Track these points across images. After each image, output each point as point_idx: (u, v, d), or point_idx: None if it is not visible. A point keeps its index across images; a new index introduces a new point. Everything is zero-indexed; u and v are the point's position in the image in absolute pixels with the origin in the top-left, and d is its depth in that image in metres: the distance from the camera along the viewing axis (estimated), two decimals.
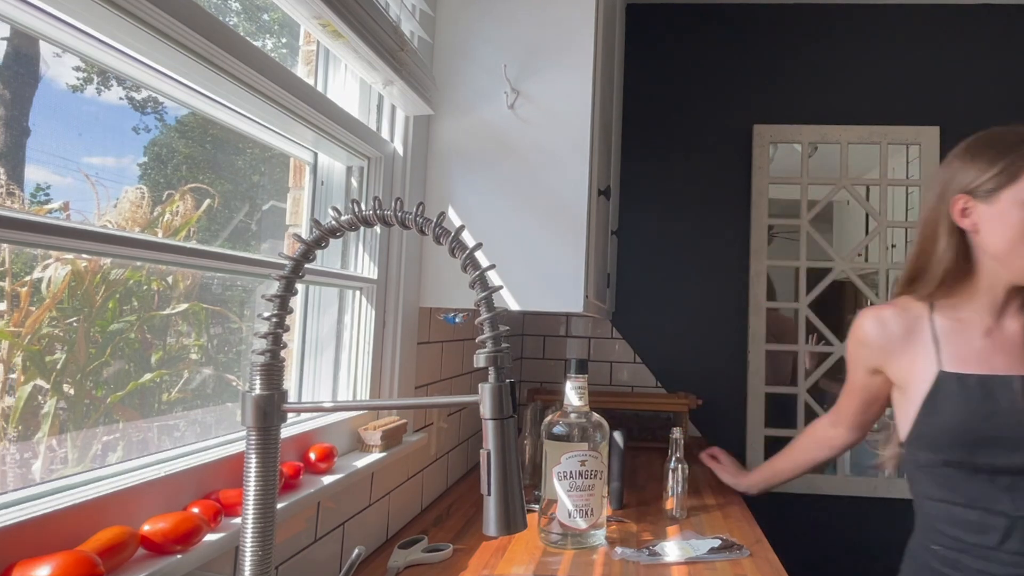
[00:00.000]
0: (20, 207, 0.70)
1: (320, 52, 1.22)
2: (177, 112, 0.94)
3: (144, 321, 0.90)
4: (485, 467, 0.63)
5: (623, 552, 1.23)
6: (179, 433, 0.96)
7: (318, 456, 1.01)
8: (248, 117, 1.00)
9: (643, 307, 2.54)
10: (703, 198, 2.53)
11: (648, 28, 2.60)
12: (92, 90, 0.82)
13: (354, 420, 1.20)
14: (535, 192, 1.39)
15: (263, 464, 0.68)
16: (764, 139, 2.51)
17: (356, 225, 0.70)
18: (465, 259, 0.66)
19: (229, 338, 1.07)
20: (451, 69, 1.45)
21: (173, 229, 0.92)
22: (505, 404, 0.64)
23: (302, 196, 1.21)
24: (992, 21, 2.49)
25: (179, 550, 0.69)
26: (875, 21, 2.53)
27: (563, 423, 1.26)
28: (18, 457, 0.72)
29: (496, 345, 0.65)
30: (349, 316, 1.25)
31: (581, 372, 1.29)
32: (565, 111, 1.39)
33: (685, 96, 2.57)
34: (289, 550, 0.96)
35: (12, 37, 0.71)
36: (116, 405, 0.84)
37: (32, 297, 0.74)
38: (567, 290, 1.37)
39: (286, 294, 0.71)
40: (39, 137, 0.73)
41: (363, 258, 1.29)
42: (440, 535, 1.32)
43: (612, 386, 2.52)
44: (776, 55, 2.56)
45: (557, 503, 1.24)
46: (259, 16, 1.13)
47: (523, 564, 1.18)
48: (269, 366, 0.70)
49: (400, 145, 1.36)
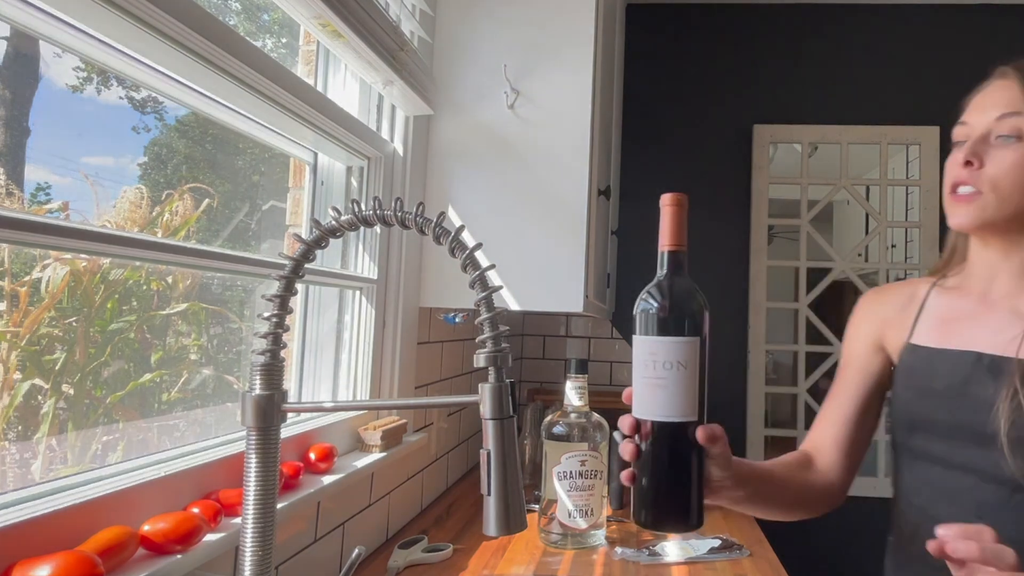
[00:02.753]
0: (20, 207, 0.70)
1: (320, 52, 1.22)
2: (177, 112, 0.94)
3: (144, 321, 0.90)
4: (485, 467, 0.63)
5: (623, 552, 1.23)
6: (179, 433, 0.96)
7: (318, 456, 1.01)
8: (248, 117, 0.99)
9: None
10: (703, 198, 2.53)
11: (648, 28, 2.60)
12: (92, 90, 0.82)
13: (354, 420, 1.20)
14: (535, 192, 1.39)
15: (263, 464, 0.68)
16: (764, 139, 2.51)
17: (356, 225, 0.70)
18: (465, 259, 0.66)
19: (229, 338, 1.07)
20: (451, 69, 1.45)
21: (172, 229, 0.92)
22: (505, 404, 0.64)
23: (302, 196, 1.21)
24: (992, 21, 2.49)
25: (179, 550, 0.69)
26: (875, 21, 2.53)
27: (563, 423, 1.26)
28: (18, 457, 0.72)
29: (496, 345, 0.65)
30: (349, 316, 1.25)
31: (581, 372, 1.29)
32: (565, 111, 1.39)
33: (685, 96, 2.57)
34: (289, 550, 0.96)
35: (12, 37, 0.70)
36: (116, 405, 0.84)
37: (31, 297, 0.74)
38: (567, 290, 1.37)
39: (286, 294, 0.71)
40: (39, 137, 0.73)
41: (363, 258, 1.29)
42: (440, 535, 1.32)
43: (612, 386, 2.52)
44: (776, 55, 2.56)
45: (557, 503, 1.24)
46: (259, 16, 1.13)
47: (523, 564, 1.18)
48: (269, 366, 0.70)
49: (400, 145, 1.36)
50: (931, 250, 2.42)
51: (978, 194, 0.88)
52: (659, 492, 0.71)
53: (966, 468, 0.87)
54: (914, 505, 0.94)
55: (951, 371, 0.90)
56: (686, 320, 0.70)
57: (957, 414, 0.88)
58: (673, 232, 0.75)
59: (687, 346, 0.70)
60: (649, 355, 0.70)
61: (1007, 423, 0.82)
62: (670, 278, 0.73)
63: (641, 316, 0.72)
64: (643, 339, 0.71)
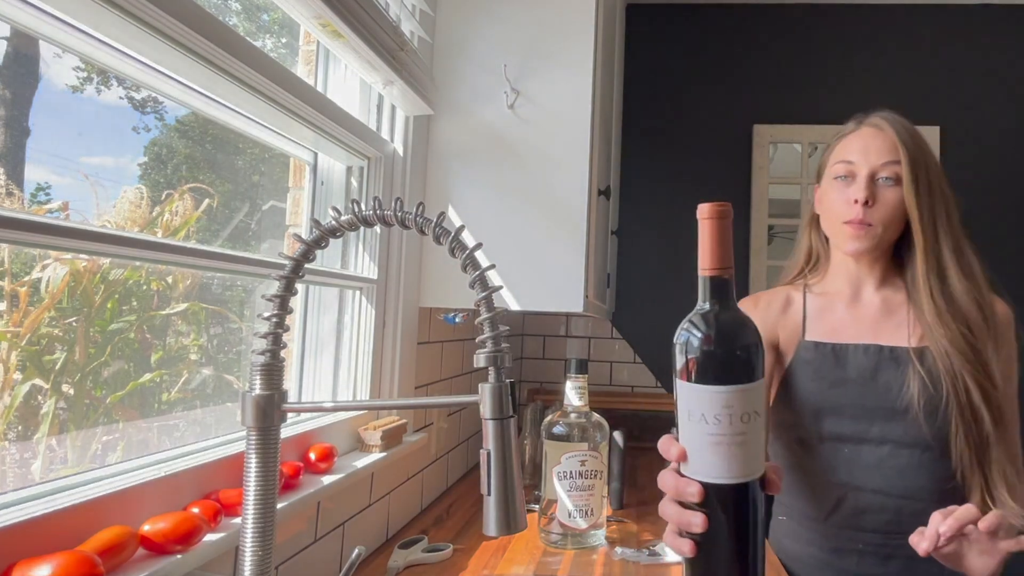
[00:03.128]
0: (19, 207, 0.70)
1: (320, 52, 1.22)
2: (177, 112, 0.94)
3: (144, 321, 0.90)
4: (485, 467, 0.63)
5: (623, 552, 1.23)
6: (179, 433, 0.96)
7: (318, 456, 1.01)
8: (248, 117, 0.99)
9: (643, 307, 2.54)
10: (703, 198, 2.52)
11: (648, 28, 2.60)
12: (92, 90, 0.82)
13: (354, 420, 1.20)
14: (535, 192, 1.39)
15: (263, 464, 0.68)
16: (764, 139, 2.50)
17: (356, 225, 0.70)
18: (465, 259, 0.66)
19: (229, 338, 1.07)
20: (451, 69, 1.45)
21: (172, 229, 0.92)
22: (505, 404, 0.64)
23: (302, 196, 1.21)
24: (992, 21, 2.49)
25: (179, 550, 0.69)
26: (875, 21, 2.53)
27: (563, 423, 1.26)
28: (18, 457, 0.72)
29: (496, 345, 0.65)
30: (349, 316, 1.25)
31: (581, 372, 1.29)
32: (565, 111, 1.39)
33: (685, 96, 2.57)
34: (289, 550, 0.96)
35: (12, 37, 0.70)
36: (116, 405, 0.84)
37: (31, 297, 0.74)
38: (567, 290, 1.37)
39: (286, 294, 0.71)
40: (39, 137, 0.73)
41: (363, 258, 1.29)
42: (440, 535, 1.32)
43: (612, 386, 2.52)
44: (776, 55, 2.56)
45: (557, 503, 1.24)
46: (259, 16, 1.13)
47: (523, 564, 1.18)
48: (269, 366, 0.70)
49: (400, 145, 1.36)
50: None
51: (871, 227, 1.09)
52: (737, 557, 0.59)
53: (881, 440, 1.07)
54: (833, 482, 1.10)
55: (860, 362, 1.10)
56: (756, 360, 0.58)
57: (868, 397, 1.08)
58: (716, 252, 0.59)
59: (760, 390, 0.58)
60: (723, 408, 0.57)
61: (921, 398, 1.04)
62: (722, 312, 0.60)
63: (702, 361, 0.58)
64: (709, 390, 0.57)
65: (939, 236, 1.07)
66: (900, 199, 1.07)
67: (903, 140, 1.08)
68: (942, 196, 1.09)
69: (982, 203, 2.45)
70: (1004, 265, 2.50)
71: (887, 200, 1.08)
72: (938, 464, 1.06)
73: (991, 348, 1.05)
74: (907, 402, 1.05)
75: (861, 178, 1.09)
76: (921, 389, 1.04)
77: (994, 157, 2.45)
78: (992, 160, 2.45)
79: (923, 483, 1.06)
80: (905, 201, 1.07)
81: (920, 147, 1.09)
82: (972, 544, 0.90)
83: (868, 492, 1.08)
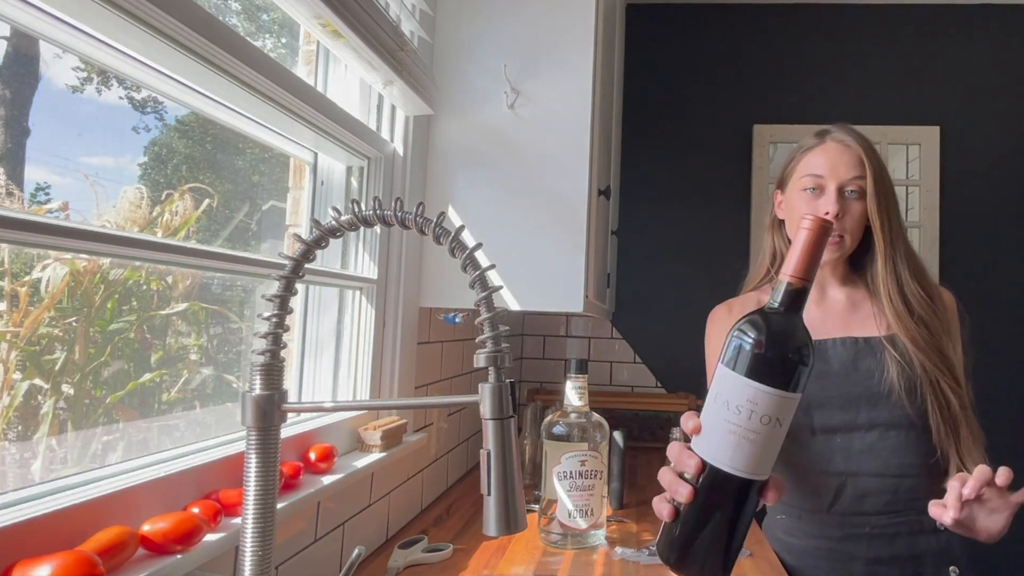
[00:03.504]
0: (20, 207, 0.70)
1: (320, 52, 1.22)
2: (177, 112, 0.94)
3: (143, 321, 0.90)
4: (485, 467, 0.63)
5: (623, 552, 1.23)
6: (179, 433, 0.95)
7: (318, 456, 1.01)
8: (248, 117, 0.99)
9: (643, 307, 2.54)
10: (703, 198, 2.53)
11: (648, 28, 2.60)
12: (92, 90, 0.82)
13: (354, 420, 1.20)
14: (535, 192, 1.39)
15: (263, 464, 0.68)
16: (764, 139, 2.50)
17: (356, 225, 0.70)
18: (465, 259, 0.66)
19: (229, 338, 1.07)
20: (451, 69, 1.45)
21: (172, 229, 0.92)
22: (505, 404, 0.64)
23: (302, 196, 1.21)
24: (992, 21, 2.49)
25: (179, 550, 0.69)
26: (875, 21, 2.53)
27: (563, 423, 1.26)
28: (18, 457, 0.72)
29: (496, 345, 0.65)
30: (349, 316, 1.25)
31: (581, 372, 1.29)
32: (565, 111, 1.39)
33: (685, 96, 2.57)
34: (289, 550, 0.96)
35: (12, 37, 0.70)
36: (116, 405, 0.84)
37: (31, 297, 0.74)
38: (567, 290, 1.37)
39: (286, 294, 0.71)
40: (39, 137, 0.73)
41: (363, 258, 1.29)
42: (440, 535, 1.32)
43: (612, 386, 2.52)
44: (776, 55, 2.56)
45: (557, 503, 1.24)
46: (259, 16, 1.13)
47: (523, 564, 1.18)
48: (269, 366, 0.69)
49: (400, 145, 1.36)
50: (931, 250, 2.42)
51: (841, 237, 1.16)
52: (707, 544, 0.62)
53: (870, 425, 1.13)
54: (830, 472, 1.14)
55: (840, 354, 1.16)
56: (800, 375, 0.60)
57: (851, 386, 1.14)
58: (805, 262, 0.62)
59: (791, 404, 0.60)
60: (747, 401, 0.59)
61: (900, 379, 1.11)
62: (790, 319, 0.62)
63: (747, 353, 0.61)
64: (743, 381, 0.60)
65: (895, 241, 1.17)
66: (864, 210, 1.16)
67: (868, 155, 1.16)
68: (895, 203, 1.19)
69: (982, 203, 2.45)
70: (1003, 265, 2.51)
71: (854, 212, 1.16)
72: (922, 439, 1.12)
73: (946, 339, 1.15)
74: (888, 385, 1.12)
75: (830, 192, 1.16)
76: (899, 371, 1.11)
77: (994, 157, 2.45)
78: (992, 160, 2.45)
79: (912, 460, 1.12)
80: (868, 212, 1.15)
81: (879, 161, 1.18)
82: (983, 505, 0.95)
83: (865, 476, 1.13)
